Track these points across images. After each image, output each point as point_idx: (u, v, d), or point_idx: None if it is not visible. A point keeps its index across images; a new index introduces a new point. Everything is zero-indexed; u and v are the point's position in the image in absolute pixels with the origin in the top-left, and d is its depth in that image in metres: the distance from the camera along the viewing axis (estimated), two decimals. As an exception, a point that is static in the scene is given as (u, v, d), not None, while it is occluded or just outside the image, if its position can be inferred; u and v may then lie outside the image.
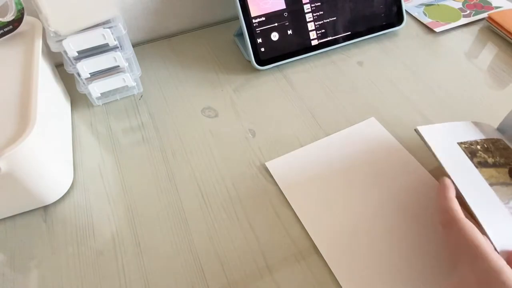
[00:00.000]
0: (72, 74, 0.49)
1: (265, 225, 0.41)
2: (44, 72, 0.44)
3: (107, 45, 0.47)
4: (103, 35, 0.45)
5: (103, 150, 0.49)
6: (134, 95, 0.56)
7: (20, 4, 0.45)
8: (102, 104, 0.54)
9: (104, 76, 0.50)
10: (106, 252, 0.40)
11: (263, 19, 0.55)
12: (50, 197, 0.43)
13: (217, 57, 0.61)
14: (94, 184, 0.45)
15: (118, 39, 0.47)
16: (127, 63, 0.50)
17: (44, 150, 0.39)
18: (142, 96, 0.56)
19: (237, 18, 0.56)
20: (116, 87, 0.52)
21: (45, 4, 0.43)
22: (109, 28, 0.45)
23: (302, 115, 0.52)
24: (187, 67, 0.60)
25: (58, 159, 0.43)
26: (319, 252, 0.39)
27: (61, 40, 0.44)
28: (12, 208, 0.42)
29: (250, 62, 0.57)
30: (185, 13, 0.65)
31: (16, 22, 0.46)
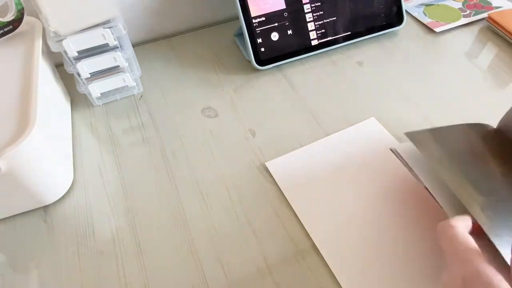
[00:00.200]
0: (72, 74, 0.49)
1: (265, 225, 0.41)
2: (44, 72, 0.44)
3: (107, 45, 0.47)
4: (103, 35, 0.45)
5: (103, 150, 0.49)
6: (134, 95, 0.56)
7: (20, 4, 0.45)
8: (102, 104, 0.54)
9: (104, 76, 0.50)
10: (106, 252, 0.40)
11: (263, 19, 0.55)
12: (50, 197, 0.43)
13: (217, 57, 0.61)
14: (94, 184, 0.45)
15: (118, 39, 0.47)
16: (127, 63, 0.50)
17: (44, 150, 0.39)
18: (142, 96, 0.56)
19: (237, 18, 0.56)
20: (116, 87, 0.52)
21: (45, 4, 0.43)
22: (109, 28, 0.45)
23: (302, 115, 0.52)
24: (187, 67, 0.60)
25: (58, 159, 0.43)
26: (319, 252, 0.39)
27: (61, 40, 0.44)
28: (12, 208, 0.42)
29: (250, 62, 0.57)
30: (185, 13, 0.65)
31: (16, 22, 0.46)
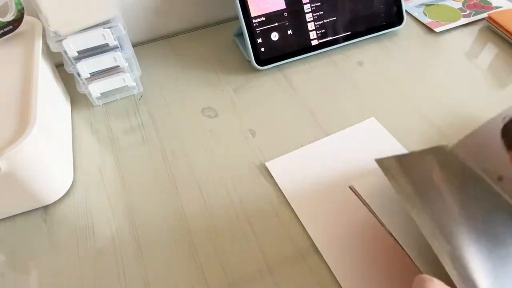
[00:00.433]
0: (72, 74, 0.49)
1: (265, 225, 0.41)
2: (44, 72, 0.44)
3: (107, 45, 0.47)
4: (103, 35, 0.45)
5: (103, 150, 0.49)
6: (134, 95, 0.56)
7: (20, 4, 0.45)
8: (102, 104, 0.54)
9: (104, 76, 0.50)
10: (106, 252, 0.40)
11: (263, 19, 0.55)
12: (50, 197, 0.43)
13: (217, 57, 0.61)
14: (94, 184, 0.45)
15: (118, 39, 0.47)
16: (127, 63, 0.50)
17: (44, 150, 0.39)
18: (142, 96, 0.56)
19: (237, 18, 0.56)
20: (116, 87, 0.52)
21: (45, 4, 0.43)
22: (109, 28, 0.45)
23: (302, 115, 0.52)
24: (187, 67, 0.60)
25: (58, 159, 0.43)
26: (319, 252, 0.39)
27: (61, 40, 0.44)
28: (12, 208, 0.42)
29: (250, 62, 0.57)
30: (185, 13, 0.65)
31: (16, 22, 0.46)
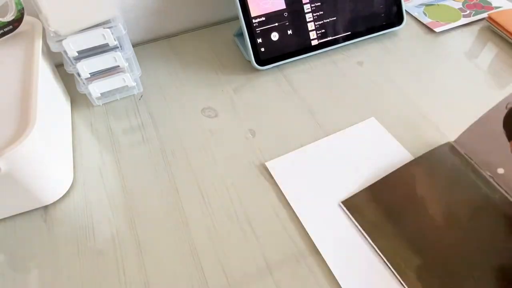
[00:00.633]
0: (72, 74, 0.49)
1: (265, 225, 0.41)
2: (44, 72, 0.44)
3: (107, 45, 0.47)
4: (103, 35, 0.45)
5: (103, 150, 0.49)
6: (134, 95, 0.56)
7: (20, 4, 0.45)
8: (102, 104, 0.54)
9: (104, 76, 0.50)
10: (106, 252, 0.40)
11: (263, 19, 0.55)
12: (50, 197, 0.43)
13: (217, 57, 0.61)
14: (94, 184, 0.45)
15: (118, 39, 0.47)
16: (127, 63, 0.50)
17: (44, 150, 0.39)
18: (142, 96, 0.56)
19: (237, 18, 0.56)
20: (116, 87, 0.52)
21: (45, 4, 0.43)
22: (109, 28, 0.45)
23: (302, 115, 0.52)
24: (187, 67, 0.60)
25: (58, 159, 0.43)
26: (319, 252, 0.39)
27: (61, 40, 0.44)
28: (12, 208, 0.42)
29: (250, 62, 0.57)
30: (185, 13, 0.65)
31: (16, 22, 0.46)
